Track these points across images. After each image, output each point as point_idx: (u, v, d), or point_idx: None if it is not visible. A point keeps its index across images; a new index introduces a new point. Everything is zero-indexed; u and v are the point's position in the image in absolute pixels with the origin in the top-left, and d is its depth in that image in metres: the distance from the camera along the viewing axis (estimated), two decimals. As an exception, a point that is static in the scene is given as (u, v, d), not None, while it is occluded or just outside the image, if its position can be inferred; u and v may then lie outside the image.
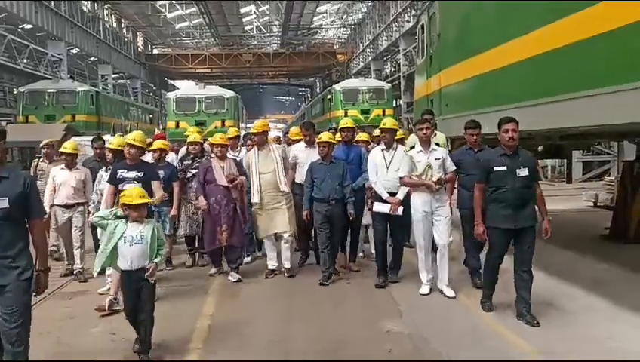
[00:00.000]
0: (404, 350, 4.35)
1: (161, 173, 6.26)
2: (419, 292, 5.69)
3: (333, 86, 26.67)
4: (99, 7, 35.22)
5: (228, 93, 23.52)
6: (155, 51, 48.61)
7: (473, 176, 5.43)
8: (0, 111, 24.49)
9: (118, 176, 5.61)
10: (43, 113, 21.12)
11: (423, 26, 9.53)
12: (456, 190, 6.13)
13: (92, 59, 35.34)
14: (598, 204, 10.75)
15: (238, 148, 7.82)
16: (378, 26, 35.33)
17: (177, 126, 21.11)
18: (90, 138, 9.11)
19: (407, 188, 5.75)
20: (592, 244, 7.59)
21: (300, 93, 70.96)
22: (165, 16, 41.86)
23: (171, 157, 7.58)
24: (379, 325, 4.87)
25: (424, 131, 5.59)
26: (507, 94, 6.20)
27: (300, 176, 6.77)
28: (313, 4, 39.88)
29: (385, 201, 5.88)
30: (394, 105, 28.16)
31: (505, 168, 4.82)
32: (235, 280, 6.38)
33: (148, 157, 7.04)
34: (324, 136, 6.45)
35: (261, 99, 73.62)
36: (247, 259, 7.15)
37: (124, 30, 41.94)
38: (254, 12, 44.35)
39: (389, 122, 6.20)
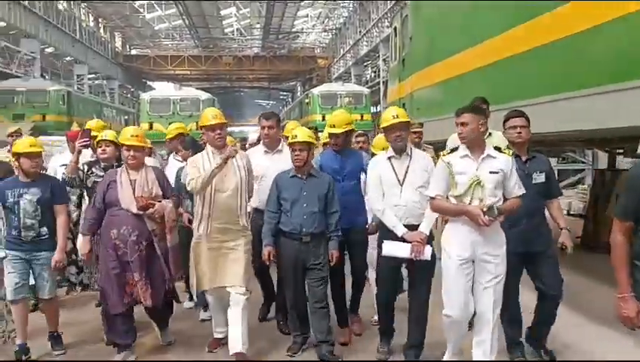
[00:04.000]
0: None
1: (34, 191, 4.25)
2: None
3: (312, 90, 26.60)
4: (75, 6, 34.59)
5: (203, 95, 23.27)
6: (134, 52, 47.92)
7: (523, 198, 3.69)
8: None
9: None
10: (11, 112, 20.60)
11: (395, 29, 9.42)
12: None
13: (68, 58, 34.66)
14: (571, 212, 10.71)
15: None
16: (359, 31, 35.37)
17: (151, 127, 20.77)
18: (60, 138, 7.80)
19: (435, 216, 3.83)
20: (562, 253, 7.47)
21: (282, 97, 70.70)
22: (144, 16, 41.24)
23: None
24: None
25: (473, 125, 3.47)
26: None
27: (260, 198, 4.58)
28: (294, 8, 39.75)
29: (400, 239, 3.82)
30: (374, 110, 28.15)
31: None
32: (165, 343, 4.54)
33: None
34: (300, 133, 4.19)
35: (242, 103, 73.17)
36: (204, 315, 5.10)
37: (102, 30, 41.26)
38: (235, 14, 43.95)
39: (400, 114, 3.98)
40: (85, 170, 4.64)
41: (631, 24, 3.78)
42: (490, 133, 4.52)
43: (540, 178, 3.87)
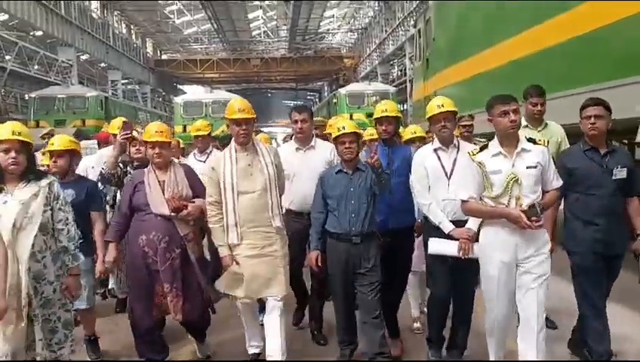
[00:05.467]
0: None
1: (69, 192, 3.87)
2: None
3: (339, 90, 26.94)
4: (108, 14, 35.66)
5: (233, 98, 23.83)
6: (164, 57, 49.07)
7: (596, 196, 3.53)
8: (13, 116, 24.86)
9: None
10: (53, 118, 21.44)
11: (419, 31, 9.79)
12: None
13: (102, 65, 35.76)
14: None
15: (209, 149, 5.77)
16: (384, 30, 35.55)
17: (185, 130, 21.49)
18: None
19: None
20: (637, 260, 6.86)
21: (309, 98, 71.17)
22: (174, 22, 42.22)
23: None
24: None
25: (511, 117, 3.18)
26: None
27: (292, 198, 4.32)
28: (320, 9, 40.11)
29: (448, 236, 3.60)
30: (401, 108, 28.35)
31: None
32: (204, 357, 4.22)
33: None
34: (348, 124, 3.88)
35: (270, 104, 73.70)
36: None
37: (134, 36, 42.39)
38: (262, 17, 44.61)
39: (446, 103, 3.71)
40: (125, 171, 4.43)
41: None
42: (546, 124, 4.45)
43: (621, 173, 3.50)
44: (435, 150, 3.73)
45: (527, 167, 3.17)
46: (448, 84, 7.96)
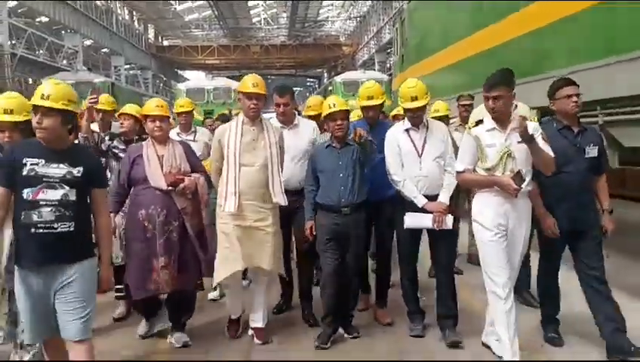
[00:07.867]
0: None
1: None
2: None
3: (335, 77, 27.78)
4: (112, 1, 36.39)
5: (234, 84, 24.76)
6: (166, 43, 49.54)
7: (568, 174, 3.54)
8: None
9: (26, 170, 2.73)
10: (62, 103, 22.33)
11: (397, 30, 10.97)
12: None
13: (105, 50, 36.58)
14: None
15: (192, 129, 5.43)
16: (382, 18, 36.21)
17: (188, 115, 22.39)
18: None
19: (453, 186, 3.83)
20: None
21: (309, 84, 71.78)
22: (175, 8, 42.89)
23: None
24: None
25: (489, 104, 3.40)
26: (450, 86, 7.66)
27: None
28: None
29: (422, 210, 3.82)
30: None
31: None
32: (179, 345, 4.02)
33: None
34: (338, 102, 3.98)
35: (269, 90, 73.92)
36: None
37: (136, 22, 43.05)
38: (262, 5, 45.23)
39: (419, 94, 3.87)
40: (102, 136, 4.50)
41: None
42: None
43: (592, 152, 3.57)
44: (407, 130, 3.93)
45: (518, 142, 3.32)
46: (419, 76, 9.25)
